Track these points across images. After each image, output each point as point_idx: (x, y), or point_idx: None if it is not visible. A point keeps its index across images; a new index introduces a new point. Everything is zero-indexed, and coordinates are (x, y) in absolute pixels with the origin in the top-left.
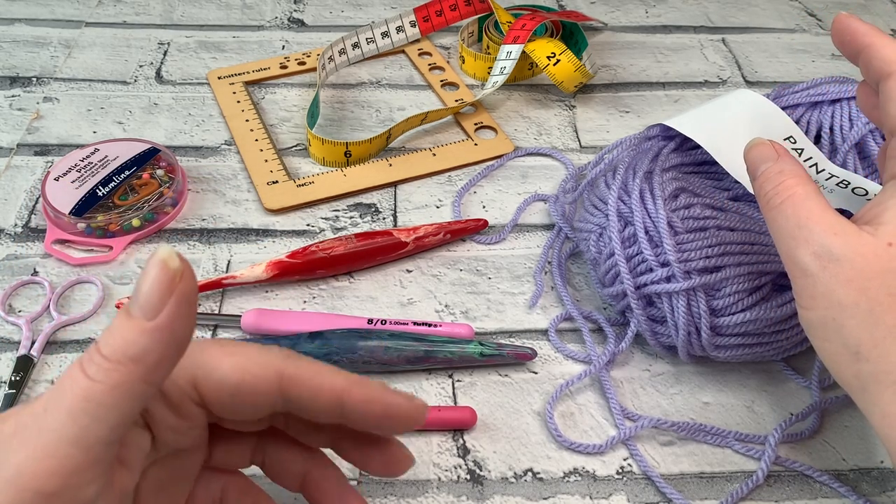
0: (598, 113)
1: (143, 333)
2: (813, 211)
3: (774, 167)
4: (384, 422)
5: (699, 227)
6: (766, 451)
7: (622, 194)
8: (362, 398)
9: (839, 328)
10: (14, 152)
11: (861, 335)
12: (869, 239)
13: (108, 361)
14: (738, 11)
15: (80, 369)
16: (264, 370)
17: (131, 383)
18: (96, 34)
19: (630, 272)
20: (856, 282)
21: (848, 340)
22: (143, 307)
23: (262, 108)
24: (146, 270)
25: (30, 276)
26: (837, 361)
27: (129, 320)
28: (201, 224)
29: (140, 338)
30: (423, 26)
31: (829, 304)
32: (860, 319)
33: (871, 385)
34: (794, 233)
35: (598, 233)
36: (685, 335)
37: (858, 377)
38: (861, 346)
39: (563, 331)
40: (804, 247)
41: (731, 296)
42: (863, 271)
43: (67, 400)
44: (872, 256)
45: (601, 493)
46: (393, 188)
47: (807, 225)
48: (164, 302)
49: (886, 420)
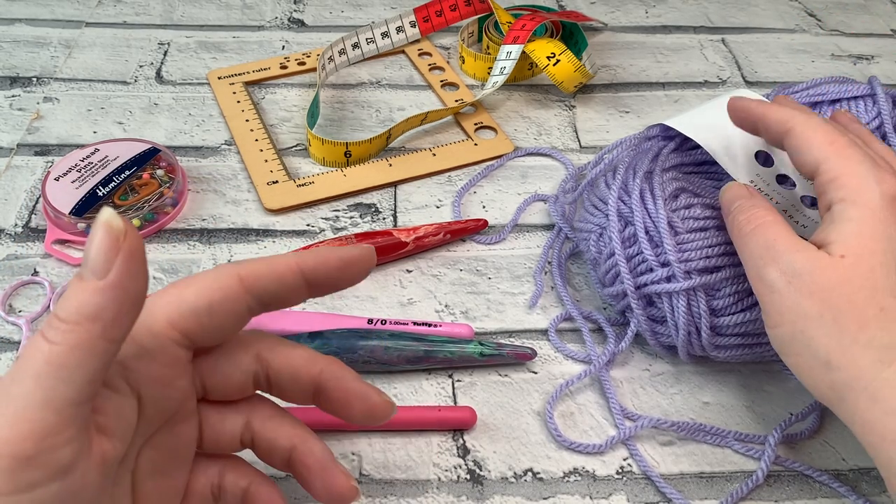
0: (598, 113)
1: (95, 293)
2: (780, 233)
3: (747, 202)
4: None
5: (699, 228)
6: (766, 451)
7: (622, 194)
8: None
9: (808, 340)
10: (14, 152)
11: (829, 344)
12: (826, 256)
13: (65, 323)
14: (738, 11)
15: (41, 336)
16: (224, 281)
17: (91, 341)
18: (96, 34)
19: (630, 272)
20: (818, 294)
21: (818, 352)
22: (93, 268)
23: (262, 108)
24: (91, 234)
25: (30, 276)
26: (811, 375)
27: (81, 283)
28: (201, 224)
29: (93, 297)
30: (423, 26)
31: (796, 317)
32: (826, 329)
33: (846, 393)
34: (762, 253)
35: (598, 233)
36: (685, 335)
37: (833, 388)
38: (831, 356)
39: (562, 331)
40: (771, 265)
41: (731, 296)
42: (822, 283)
43: (31, 366)
44: (830, 268)
45: (601, 493)
46: (393, 188)
47: (774, 245)
48: (111, 261)
49: (867, 427)
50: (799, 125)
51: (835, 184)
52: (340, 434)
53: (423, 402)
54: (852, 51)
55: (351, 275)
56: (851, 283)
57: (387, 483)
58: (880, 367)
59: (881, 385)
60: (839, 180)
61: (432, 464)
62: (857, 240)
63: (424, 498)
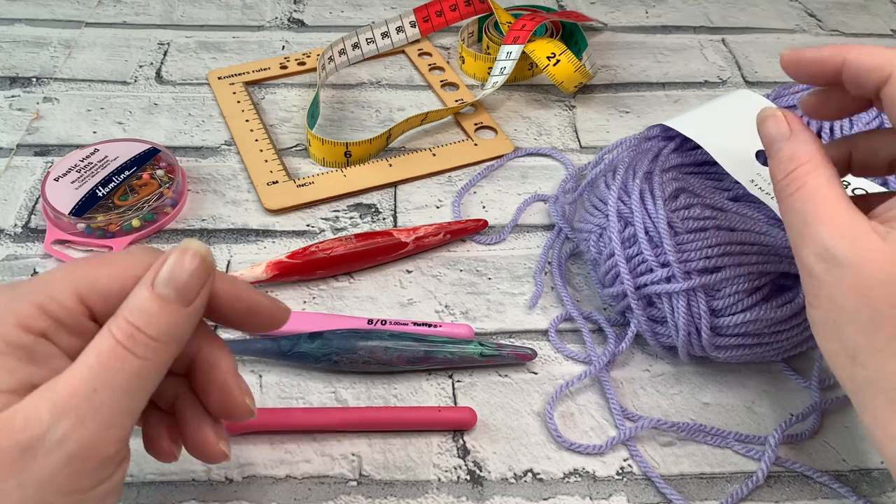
0: (598, 113)
1: (183, 318)
2: (822, 207)
3: (786, 150)
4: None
5: (699, 228)
6: (766, 452)
7: (622, 195)
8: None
9: (839, 331)
10: (14, 152)
11: (859, 341)
12: (878, 243)
13: (156, 342)
14: (738, 12)
15: (128, 350)
16: (137, 270)
17: (168, 358)
18: (96, 34)
19: (630, 272)
20: (859, 289)
21: (846, 344)
22: (182, 294)
23: (262, 109)
24: (182, 260)
25: (30, 277)
26: (835, 361)
27: (167, 305)
28: (201, 224)
29: (181, 321)
30: (423, 27)
31: (830, 306)
32: (860, 326)
33: (864, 389)
34: (800, 230)
35: (598, 233)
36: (685, 335)
37: (853, 380)
38: (858, 352)
39: (563, 331)
40: (809, 246)
41: (731, 296)
42: (867, 279)
43: (121, 378)
44: (878, 264)
45: (601, 494)
46: (393, 188)
47: (813, 223)
48: (198, 291)
49: (877, 423)
50: (851, 51)
51: None
52: (340, 434)
53: (423, 403)
54: None
55: (254, 322)
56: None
57: (387, 483)
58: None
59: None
60: None
61: (432, 464)
62: None
63: (424, 498)
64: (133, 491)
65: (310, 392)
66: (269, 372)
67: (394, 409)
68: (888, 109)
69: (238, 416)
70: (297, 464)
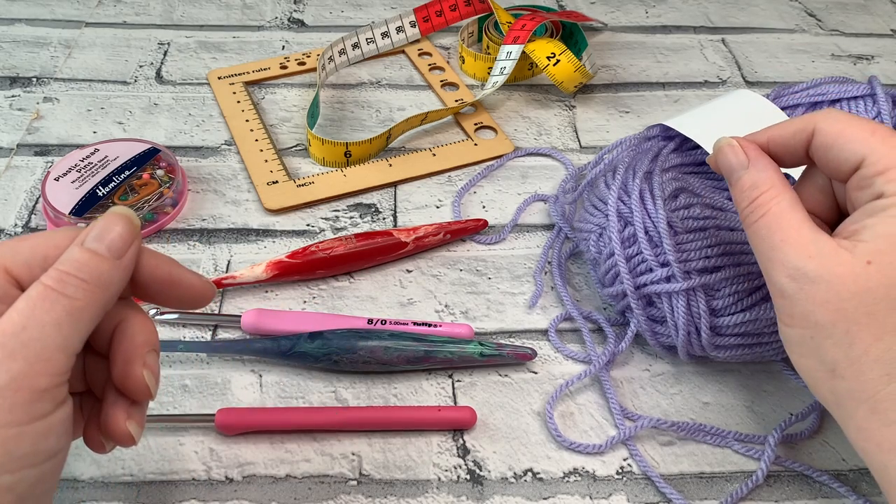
0: (598, 113)
1: (113, 267)
2: (788, 230)
3: (746, 179)
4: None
5: (699, 228)
6: (766, 451)
7: (622, 194)
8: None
9: (817, 347)
10: (14, 152)
11: (837, 354)
12: (846, 258)
13: (86, 284)
14: (738, 11)
15: (57, 292)
16: (59, 241)
17: (98, 303)
18: (96, 34)
19: (630, 272)
20: (833, 303)
21: (825, 358)
22: (112, 249)
23: (262, 108)
24: (112, 220)
25: None
26: (814, 377)
27: (98, 256)
28: (201, 224)
29: (111, 270)
30: (423, 26)
31: (806, 323)
32: (837, 339)
33: (846, 401)
34: (769, 255)
35: (597, 233)
36: (685, 335)
37: (834, 393)
38: (837, 365)
39: (563, 331)
40: (779, 269)
41: (730, 296)
42: (839, 292)
43: (52, 314)
44: (850, 276)
45: (601, 494)
46: (393, 188)
47: (781, 247)
48: (127, 248)
49: (861, 434)
50: (823, 121)
51: (885, 176)
52: (341, 434)
53: (423, 402)
54: (852, 51)
55: (176, 295)
56: (873, 293)
57: (387, 483)
58: (887, 380)
59: (884, 398)
60: (890, 173)
61: (432, 464)
62: (893, 244)
63: (424, 498)
64: (133, 490)
65: (310, 392)
66: (269, 372)
67: (394, 408)
68: (818, 159)
69: (134, 388)
70: (297, 463)
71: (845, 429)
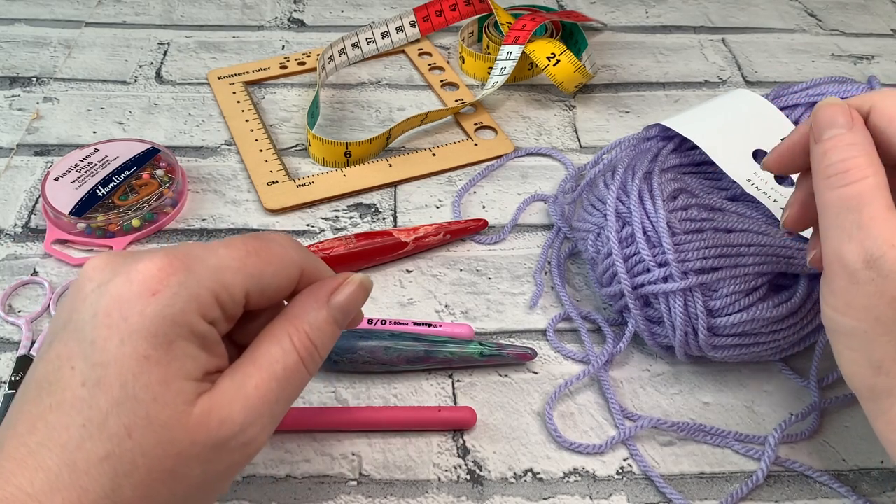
0: (598, 113)
1: (334, 337)
2: (878, 211)
3: (847, 136)
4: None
5: (696, 229)
6: (766, 452)
7: (621, 194)
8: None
9: (869, 342)
10: (14, 152)
11: (888, 352)
12: None
13: (321, 360)
14: (738, 11)
15: (305, 366)
16: (292, 269)
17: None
18: (96, 34)
19: (627, 272)
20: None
21: (873, 355)
22: (346, 320)
23: (262, 108)
24: (358, 294)
25: (30, 276)
26: (855, 371)
27: (335, 327)
28: (201, 224)
29: (333, 341)
30: (423, 26)
31: (865, 317)
32: (892, 337)
33: (883, 398)
34: (849, 230)
35: (596, 232)
36: (682, 335)
37: (873, 389)
38: (884, 363)
39: (562, 331)
40: (857, 249)
41: (728, 296)
42: None
43: (295, 391)
44: None
45: (601, 494)
46: (393, 188)
47: (868, 226)
48: (353, 314)
49: (891, 426)
50: (881, 98)
51: None
52: (341, 434)
53: (423, 403)
54: (852, 51)
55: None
56: None
57: (387, 483)
58: None
59: None
60: None
61: (432, 464)
62: None
63: (424, 498)
64: None
65: (310, 392)
66: None
67: (394, 408)
68: (878, 136)
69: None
70: (297, 463)
71: (874, 421)
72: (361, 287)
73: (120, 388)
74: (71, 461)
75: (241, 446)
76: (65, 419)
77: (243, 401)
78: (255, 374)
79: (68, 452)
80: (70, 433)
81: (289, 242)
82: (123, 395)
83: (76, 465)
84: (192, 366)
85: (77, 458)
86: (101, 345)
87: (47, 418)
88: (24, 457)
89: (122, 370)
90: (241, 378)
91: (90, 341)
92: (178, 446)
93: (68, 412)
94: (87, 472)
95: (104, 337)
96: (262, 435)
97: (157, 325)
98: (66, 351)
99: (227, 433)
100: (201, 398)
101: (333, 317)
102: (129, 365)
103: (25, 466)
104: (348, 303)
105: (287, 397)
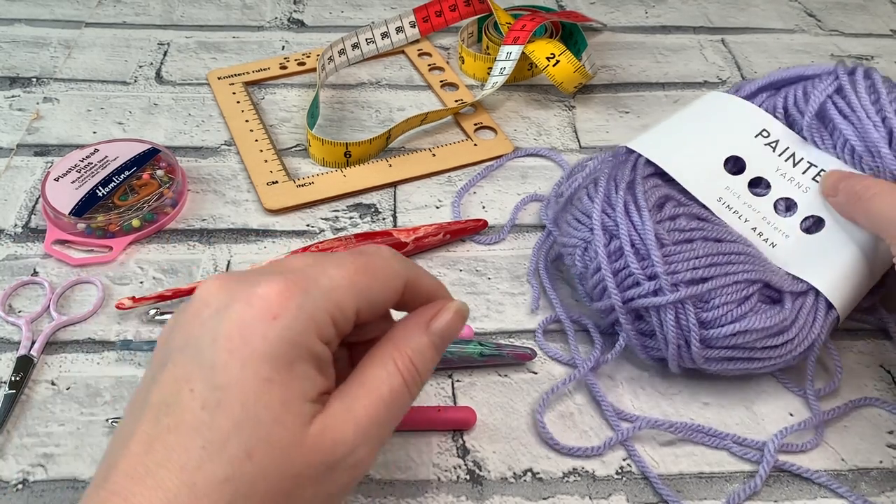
0: (598, 113)
1: (434, 361)
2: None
3: (856, 175)
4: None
5: (685, 239)
6: (766, 457)
7: (606, 207)
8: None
9: None
10: (14, 153)
11: None
12: None
13: (422, 384)
14: (737, 12)
15: (408, 389)
16: (396, 283)
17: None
18: (96, 34)
19: (617, 287)
20: None
21: None
22: (445, 344)
23: (262, 109)
24: (457, 321)
25: (30, 277)
26: None
27: (435, 352)
28: (201, 224)
29: (434, 365)
30: (423, 27)
31: None
32: None
33: None
34: (888, 226)
35: (583, 247)
36: (675, 348)
37: None
38: None
39: (554, 332)
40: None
41: (720, 307)
42: None
43: (399, 414)
44: None
45: (600, 494)
46: (393, 188)
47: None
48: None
49: None
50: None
51: None
52: None
53: (423, 402)
54: (852, 51)
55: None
56: None
57: (387, 483)
58: None
59: None
60: None
61: (432, 464)
62: None
63: (424, 498)
64: None
65: None
66: None
67: None
68: None
69: None
70: None
71: None
72: (458, 314)
73: (241, 410)
74: (190, 482)
75: (351, 468)
76: (184, 440)
77: (354, 422)
78: (363, 397)
79: (188, 473)
80: (190, 454)
81: (391, 255)
82: (244, 417)
83: (196, 487)
84: (309, 387)
85: (197, 480)
86: (223, 368)
87: (165, 439)
88: (143, 476)
89: (244, 393)
90: (350, 400)
91: (210, 365)
92: (295, 468)
93: (188, 434)
94: (207, 495)
95: (225, 361)
96: (370, 456)
97: (278, 348)
98: (184, 374)
99: (339, 454)
100: (316, 419)
101: (433, 342)
102: (251, 387)
103: (144, 485)
104: (447, 329)
105: (392, 419)
